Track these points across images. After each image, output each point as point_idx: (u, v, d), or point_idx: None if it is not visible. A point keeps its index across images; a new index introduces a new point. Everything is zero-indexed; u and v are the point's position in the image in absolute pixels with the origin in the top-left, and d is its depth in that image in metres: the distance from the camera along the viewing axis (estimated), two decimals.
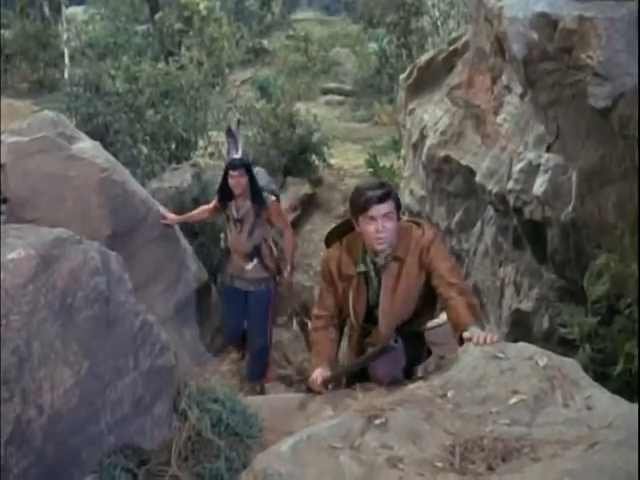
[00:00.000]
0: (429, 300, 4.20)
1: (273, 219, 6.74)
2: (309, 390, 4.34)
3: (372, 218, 3.95)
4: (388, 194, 3.96)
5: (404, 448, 2.60)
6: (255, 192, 6.60)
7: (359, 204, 3.99)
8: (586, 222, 4.89)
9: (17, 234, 2.94)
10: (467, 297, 3.86)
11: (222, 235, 7.08)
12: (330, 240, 4.36)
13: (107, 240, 5.60)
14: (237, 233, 6.60)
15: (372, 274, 4.22)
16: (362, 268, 4.21)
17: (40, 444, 2.72)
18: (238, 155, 6.62)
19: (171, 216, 6.91)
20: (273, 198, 6.81)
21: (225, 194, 6.60)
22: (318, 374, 4.22)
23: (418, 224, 4.23)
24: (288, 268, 6.89)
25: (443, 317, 4.25)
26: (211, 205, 6.87)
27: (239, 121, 7.34)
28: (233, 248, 6.69)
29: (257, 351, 6.75)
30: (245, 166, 6.54)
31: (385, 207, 3.94)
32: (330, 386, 4.31)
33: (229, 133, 6.81)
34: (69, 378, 2.82)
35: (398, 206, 4.04)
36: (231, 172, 6.48)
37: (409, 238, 4.11)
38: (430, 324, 4.38)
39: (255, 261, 6.64)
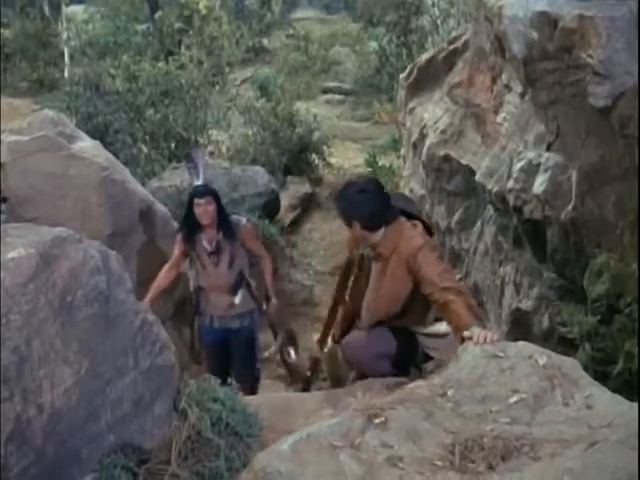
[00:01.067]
0: (419, 302, 4.20)
1: (248, 245, 6.02)
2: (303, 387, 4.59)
3: None
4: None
5: (404, 447, 2.60)
6: (224, 219, 5.82)
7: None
8: (586, 221, 4.89)
9: (17, 233, 2.94)
10: (465, 298, 3.85)
11: (190, 274, 6.02)
12: None
13: (107, 239, 5.60)
14: (214, 267, 5.82)
15: (367, 260, 4.32)
16: (361, 251, 4.41)
17: (40, 443, 2.72)
18: (200, 181, 5.84)
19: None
20: (244, 220, 6.08)
21: (192, 226, 5.78)
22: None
23: (415, 225, 4.25)
24: (272, 295, 6.20)
25: (441, 328, 4.26)
26: (174, 256, 5.95)
27: (197, 143, 6.77)
28: (210, 285, 5.87)
29: (249, 387, 5.77)
30: (211, 193, 5.79)
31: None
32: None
33: (188, 158, 6.06)
34: (69, 377, 2.82)
35: (351, 215, 4.23)
36: (196, 200, 5.70)
37: (398, 238, 4.13)
38: (427, 331, 4.39)
39: (241, 293, 5.90)
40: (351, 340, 4.50)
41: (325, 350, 4.81)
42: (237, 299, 5.87)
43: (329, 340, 4.83)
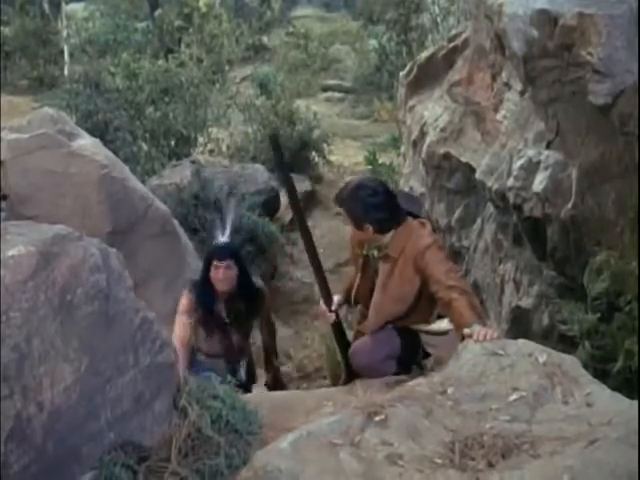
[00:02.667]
0: (425, 302, 4.22)
1: (264, 312, 5.32)
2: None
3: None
4: (341, 205, 4.32)
5: (404, 445, 2.61)
6: (248, 286, 5.08)
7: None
8: (586, 219, 4.89)
9: (17, 231, 2.94)
10: (469, 297, 3.88)
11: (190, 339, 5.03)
12: None
13: (107, 237, 5.60)
14: (222, 339, 5.05)
15: (372, 260, 4.31)
16: (365, 251, 4.37)
17: (40, 441, 2.72)
18: (224, 238, 5.04)
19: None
20: (265, 289, 5.39)
21: (208, 293, 4.99)
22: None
23: (423, 224, 4.26)
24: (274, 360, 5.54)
25: (442, 325, 4.27)
26: (184, 328, 4.92)
27: (230, 193, 5.69)
28: (210, 354, 5.06)
29: None
30: (234, 255, 5.02)
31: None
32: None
33: (217, 207, 5.35)
34: (69, 375, 2.82)
35: (361, 216, 4.21)
36: (216, 262, 4.93)
37: (406, 238, 4.14)
38: (429, 328, 4.39)
39: (244, 364, 5.22)
40: (357, 349, 4.49)
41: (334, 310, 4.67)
42: (242, 372, 5.15)
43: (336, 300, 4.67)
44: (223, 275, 4.91)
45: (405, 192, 7.02)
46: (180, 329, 4.90)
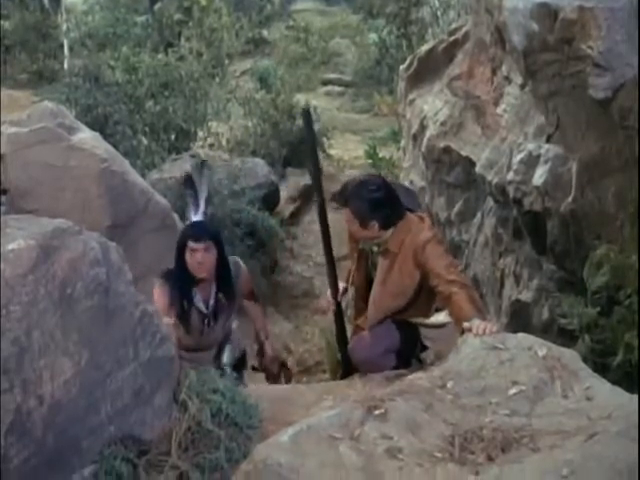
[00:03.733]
0: (424, 296, 4.22)
1: (244, 291, 4.78)
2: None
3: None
4: (345, 204, 4.19)
5: (403, 438, 2.61)
6: (225, 272, 4.47)
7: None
8: (586, 213, 4.89)
9: (17, 225, 2.94)
10: (468, 291, 3.89)
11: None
12: None
13: (107, 231, 5.59)
14: (201, 332, 4.49)
15: (369, 254, 4.31)
16: (361, 245, 4.31)
17: (40, 434, 2.73)
18: (198, 216, 4.42)
19: None
20: (240, 262, 4.74)
21: (183, 279, 4.35)
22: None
23: (422, 218, 4.26)
24: (267, 344, 5.00)
25: (440, 318, 4.27)
26: (164, 310, 4.24)
27: (202, 163, 4.85)
28: (193, 346, 4.48)
29: None
30: (212, 235, 4.35)
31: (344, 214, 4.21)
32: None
33: (188, 182, 4.55)
34: (69, 368, 2.83)
35: (367, 214, 4.14)
36: (192, 245, 4.27)
37: (405, 233, 4.14)
38: (428, 321, 4.40)
39: (227, 348, 4.69)
40: (357, 343, 4.50)
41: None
42: (225, 357, 4.67)
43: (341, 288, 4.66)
44: (202, 259, 4.26)
45: (401, 185, 6.99)
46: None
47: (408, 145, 8.49)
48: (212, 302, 4.46)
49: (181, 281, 4.35)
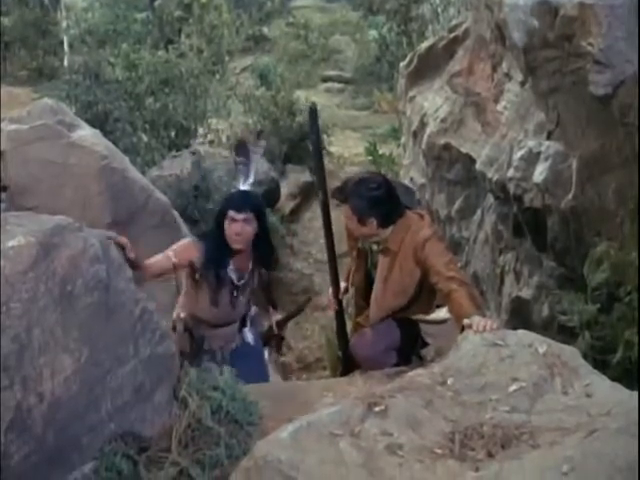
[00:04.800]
0: (425, 293, 4.22)
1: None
2: None
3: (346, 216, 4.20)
4: (344, 200, 4.15)
5: (404, 435, 2.61)
6: (265, 244, 4.37)
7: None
8: (586, 210, 4.89)
9: (17, 222, 2.94)
10: (468, 288, 3.88)
11: (182, 299, 4.52)
12: None
13: (107, 228, 5.59)
14: (228, 303, 4.37)
15: (369, 253, 4.30)
16: (360, 245, 4.30)
17: (40, 431, 2.73)
18: (246, 186, 4.34)
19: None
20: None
21: (220, 250, 4.23)
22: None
23: (422, 216, 4.25)
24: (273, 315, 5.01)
25: (440, 314, 4.27)
26: (168, 257, 4.13)
27: (259, 133, 4.53)
28: (217, 320, 4.44)
29: None
30: (255, 207, 4.24)
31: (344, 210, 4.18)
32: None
33: (241, 149, 4.42)
34: (69, 365, 2.83)
35: (366, 211, 4.12)
36: (232, 214, 4.14)
37: (405, 231, 4.13)
38: (427, 318, 4.40)
39: (249, 326, 4.66)
40: (358, 341, 4.49)
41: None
42: (249, 337, 4.63)
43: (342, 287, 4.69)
44: (240, 229, 4.14)
45: (400, 183, 6.99)
46: (158, 258, 4.09)
47: (408, 142, 8.49)
48: (247, 275, 4.36)
49: (217, 249, 4.21)
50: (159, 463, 3.13)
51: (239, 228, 4.13)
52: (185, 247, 4.23)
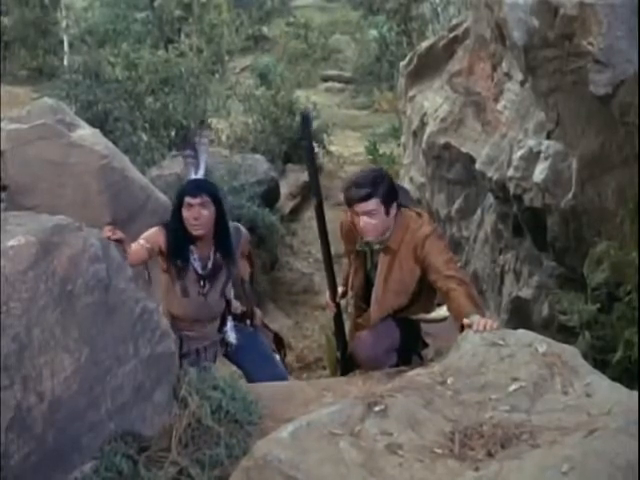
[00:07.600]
0: (426, 292, 4.21)
1: (243, 258, 4.65)
2: None
3: (357, 213, 4.03)
4: (369, 195, 3.98)
5: (404, 434, 2.61)
6: (224, 231, 4.31)
7: (345, 199, 4.09)
8: (586, 209, 4.89)
9: (17, 221, 2.94)
10: (467, 287, 3.87)
11: (160, 295, 4.40)
12: None
13: None
14: (199, 295, 4.30)
15: (368, 255, 4.28)
16: (359, 247, 4.27)
17: (40, 431, 2.73)
18: (198, 175, 4.27)
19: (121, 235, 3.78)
20: (243, 229, 4.65)
21: (181, 237, 4.21)
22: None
23: (420, 214, 4.23)
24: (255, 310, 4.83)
25: (441, 312, 4.27)
26: (147, 239, 4.18)
27: (201, 122, 4.57)
28: (191, 316, 4.35)
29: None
30: (209, 191, 4.21)
31: (368, 205, 3.98)
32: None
33: (186, 145, 4.46)
34: (69, 365, 2.83)
35: (390, 198, 4.03)
36: (187, 200, 4.14)
37: (404, 230, 4.11)
38: (427, 317, 4.39)
39: (230, 320, 4.54)
40: (359, 342, 4.47)
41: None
42: (230, 333, 4.53)
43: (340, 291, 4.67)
44: (198, 214, 4.12)
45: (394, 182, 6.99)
46: (134, 248, 4.05)
47: (408, 141, 8.50)
48: (210, 263, 4.31)
49: (178, 238, 4.20)
50: (159, 463, 3.13)
51: (196, 213, 4.11)
52: (153, 232, 4.23)
